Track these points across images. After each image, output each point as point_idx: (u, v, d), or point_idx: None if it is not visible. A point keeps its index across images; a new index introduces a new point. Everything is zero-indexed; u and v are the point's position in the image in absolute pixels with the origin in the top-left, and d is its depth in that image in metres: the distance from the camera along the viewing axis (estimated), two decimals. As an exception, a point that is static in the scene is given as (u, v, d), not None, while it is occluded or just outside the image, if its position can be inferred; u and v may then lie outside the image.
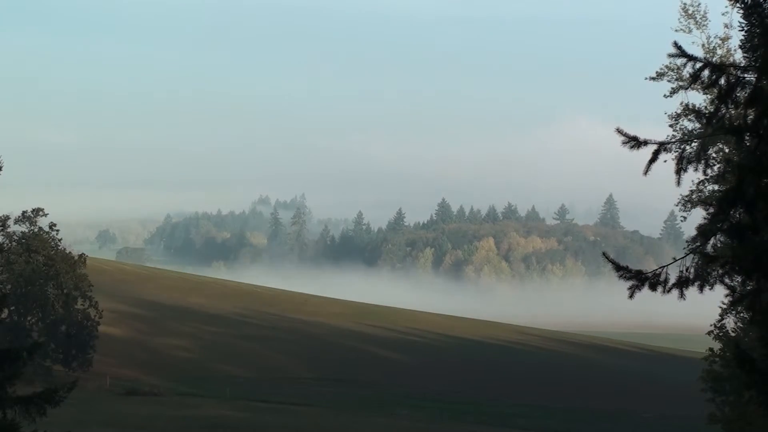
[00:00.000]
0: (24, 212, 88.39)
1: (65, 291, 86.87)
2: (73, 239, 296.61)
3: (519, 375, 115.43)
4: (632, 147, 16.98)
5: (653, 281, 17.30)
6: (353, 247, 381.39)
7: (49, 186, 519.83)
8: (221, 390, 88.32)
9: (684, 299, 17.37)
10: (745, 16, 22.82)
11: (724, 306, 41.11)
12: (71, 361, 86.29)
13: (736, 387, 40.31)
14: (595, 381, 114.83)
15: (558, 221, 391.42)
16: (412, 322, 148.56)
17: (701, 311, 50.11)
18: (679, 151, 17.32)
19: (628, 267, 17.44)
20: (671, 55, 17.07)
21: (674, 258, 17.78)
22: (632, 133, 16.98)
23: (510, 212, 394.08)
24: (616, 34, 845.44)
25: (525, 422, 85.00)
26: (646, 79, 44.80)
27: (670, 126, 43.99)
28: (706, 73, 16.86)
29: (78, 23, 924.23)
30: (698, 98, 49.78)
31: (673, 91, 43.72)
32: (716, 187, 40.11)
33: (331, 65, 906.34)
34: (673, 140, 17.51)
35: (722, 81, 16.86)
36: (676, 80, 43.54)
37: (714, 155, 38.55)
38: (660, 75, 44.20)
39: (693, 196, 43.45)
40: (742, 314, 40.84)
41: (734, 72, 16.93)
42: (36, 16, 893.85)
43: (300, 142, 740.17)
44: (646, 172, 17.38)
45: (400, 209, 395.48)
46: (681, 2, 44.00)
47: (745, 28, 26.22)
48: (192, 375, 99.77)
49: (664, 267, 17.56)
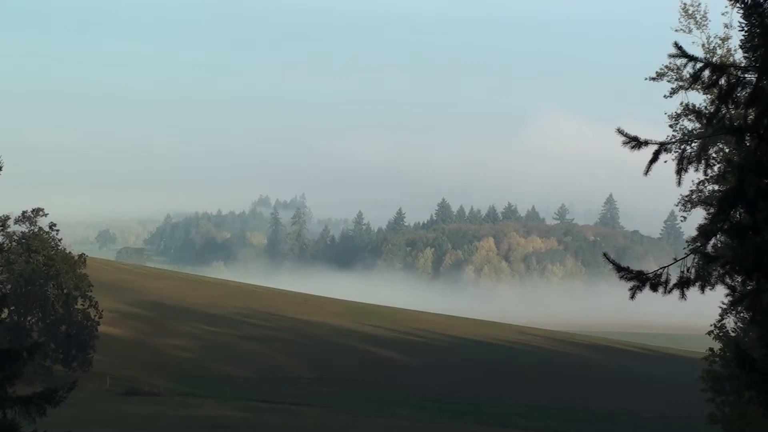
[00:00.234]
0: (24, 212, 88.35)
1: (65, 291, 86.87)
2: (73, 239, 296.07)
3: (519, 375, 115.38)
4: (633, 147, 16.96)
5: (654, 282, 17.28)
6: (353, 247, 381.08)
7: (49, 186, 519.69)
8: (221, 390, 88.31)
9: (685, 299, 17.38)
10: (745, 16, 22.85)
11: (724, 306, 41.11)
12: (71, 361, 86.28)
13: (736, 387, 40.30)
14: (595, 381, 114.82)
15: (558, 221, 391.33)
16: (412, 322, 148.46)
17: (701, 311, 50.13)
18: (680, 152, 17.32)
19: (629, 268, 17.43)
20: (671, 56, 17.04)
21: (675, 258, 17.77)
22: (632, 134, 16.98)
23: (510, 212, 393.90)
24: (616, 34, 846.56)
25: (525, 422, 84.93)
26: (646, 80, 44.82)
27: (670, 126, 44.01)
28: (707, 74, 16.84)
29: (78, 23, 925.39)
30: (698, 98, 49.87)
31: (674, 92, 43.68)
32: (716, 187, 40.11)
33: (331, 65, 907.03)
34: (674, 140, 17.51)
35: (722, 81, 16.84)
36: (677, 80, 43.53)
37: (714, 155, 38.56)
38: (660, 75, 44.18)
39: (693, 196, 43.44)
40: (742, 314, 40.84)
41: (734, 72, 16.91)
42: (36, 16, 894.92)
43: (300, 142, 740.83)
44: (647, 173, 17.38)
45: (400, 209, 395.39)
46: (681, 2, 44.00)
47: (745, 28, 26.28)
48: (192, 375, 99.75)
49: (665, 267, 17.54)
